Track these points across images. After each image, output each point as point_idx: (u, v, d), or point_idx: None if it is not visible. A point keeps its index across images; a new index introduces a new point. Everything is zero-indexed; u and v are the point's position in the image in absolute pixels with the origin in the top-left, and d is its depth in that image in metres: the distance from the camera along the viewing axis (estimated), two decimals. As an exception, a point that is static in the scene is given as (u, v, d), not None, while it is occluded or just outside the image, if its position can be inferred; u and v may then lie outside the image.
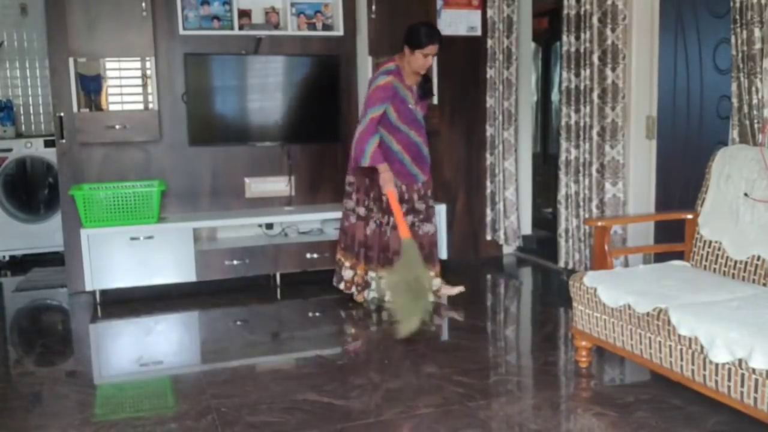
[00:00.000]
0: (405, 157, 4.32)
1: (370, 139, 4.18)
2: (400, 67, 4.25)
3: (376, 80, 4.25)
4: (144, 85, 4.84)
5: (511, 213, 5.51)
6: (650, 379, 3.25)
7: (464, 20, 5.48)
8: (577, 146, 4.75)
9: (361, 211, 4.39)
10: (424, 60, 4.21)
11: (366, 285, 4.48)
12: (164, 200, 4.89)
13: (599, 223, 3.56)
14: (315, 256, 4.97)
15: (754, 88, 3.41)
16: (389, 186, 4.21)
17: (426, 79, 4.40)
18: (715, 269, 3.36)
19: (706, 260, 3.41)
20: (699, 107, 4.13)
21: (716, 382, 2.65)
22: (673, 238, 3.76)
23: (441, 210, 5.18)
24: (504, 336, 4.12)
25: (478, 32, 5.50)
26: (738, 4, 3.46)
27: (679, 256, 3.60)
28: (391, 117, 4.25)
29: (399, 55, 4.29)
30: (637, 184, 4.55)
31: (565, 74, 4.81)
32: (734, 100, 3.55)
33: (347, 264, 4.49)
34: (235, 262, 4.82)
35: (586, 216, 4.68)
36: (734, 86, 3.53)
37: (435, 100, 5.23)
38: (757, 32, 3.38)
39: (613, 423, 2.83)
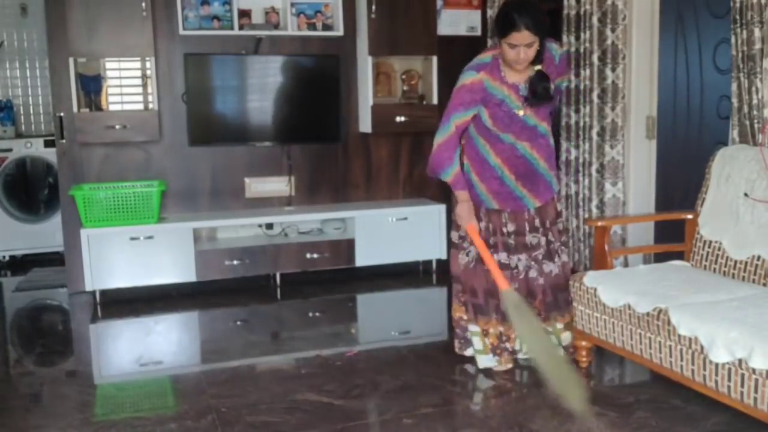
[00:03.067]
0: (506, 173, 3.31)
1: (453, 155, 3.23)
2: (498, 59, 3.20)
3: (462, 76, 3.23)
4: (144, 85, 4.84)
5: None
6: (650, 379, 3.25)
7: (464, 20, 5.48)
8: (577, 146, 4.75)
9: (455, 237, 3.49)
10: (513, 52, 3.08)
11: (466, 341, 3.51)
12: (164, 200, 4.89)
13: (599, 223, 3.56)
14: (315, 256, 4.97)
15: (754, 88, 3.41)
16: (466, 220, 3.26)
17: (540, 75, 3.17)
18: (715, 269, 3.36)
19: (706, 260, 3.41)
20: (699, 107, 4.13)
21: (716, 382, 2.65)
22: (673, 238, 3.76)
23: (441, 210, 5.19)
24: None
25: (478, 32, 5.50)
26: (738, 4, 3.46)
27: (679, 256, 3.60)
28: (486, 122, 3.26)
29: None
30: (637, 184, 4.55)
31: (565, 74, 4.81)
32: (734, 100, 3.55)
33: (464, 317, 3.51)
34: (235, 262, 4.82)
35: (586, 216, 4.68)
36: (734, 86, 3.53)
37: (435, 100, 5.23)
38: (757, 32, 3.38)
39: (613, 423, 2.83)
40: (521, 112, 3.22)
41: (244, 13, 4.96)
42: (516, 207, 3.35)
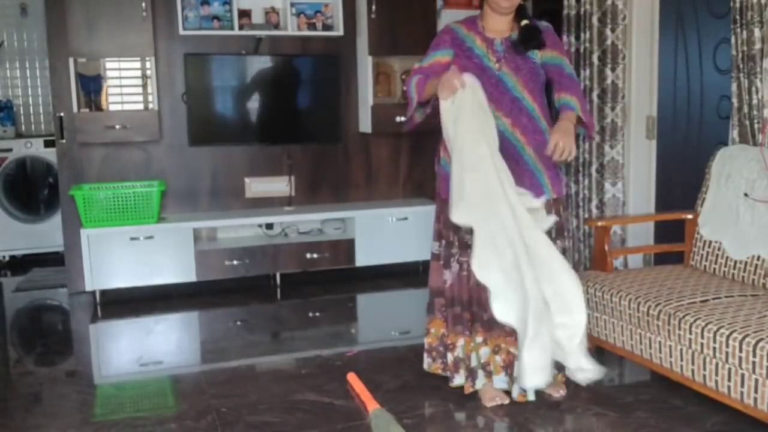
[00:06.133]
0: None
1: (411, 80, 3.00)
2: (477, 18, 2.98)
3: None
4: (144, 85, 4.84)
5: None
6: (650, 379, 3.25)
7: (464, 20, 5.47)
8: (577, 146, 4.75)
9: (435, 247, 3.08)
10: None
11: (458, 363, 3.03)
12: (164, 200, 4.89)
13: (599, 223, 3.57)
14: (315, 256, 4.97)
15: (754, 88, 3.41)
16: (455, 76, 2.79)
17: (531, 27, 2.89)
18: (715, 269, 3.36)
19: (706, 260, 3.41)
20: (699, 107, 4.13)
21: (716, 382, 2.65)
22: (673, 238, 3.76)
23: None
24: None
25: (478, 32, 5.49)
26: (738, 4, 3.46)
27: (679, 256, 3.61)
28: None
29: None
30: (637, 184, 4.55)
31: (565, 74, 4.80)
32: (734, 100, 3.55)
33: (431, 329, 3.17)
34: (235, 262, 4.82)
35: (586, 216, 4.68)
36: (734, 86, 3.53)
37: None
38: (757, 32, 3.38)
39: (613, 423, 2.83)
40: (494, 69, 2.89)
41: (244, 13, 4.96)
42: None
